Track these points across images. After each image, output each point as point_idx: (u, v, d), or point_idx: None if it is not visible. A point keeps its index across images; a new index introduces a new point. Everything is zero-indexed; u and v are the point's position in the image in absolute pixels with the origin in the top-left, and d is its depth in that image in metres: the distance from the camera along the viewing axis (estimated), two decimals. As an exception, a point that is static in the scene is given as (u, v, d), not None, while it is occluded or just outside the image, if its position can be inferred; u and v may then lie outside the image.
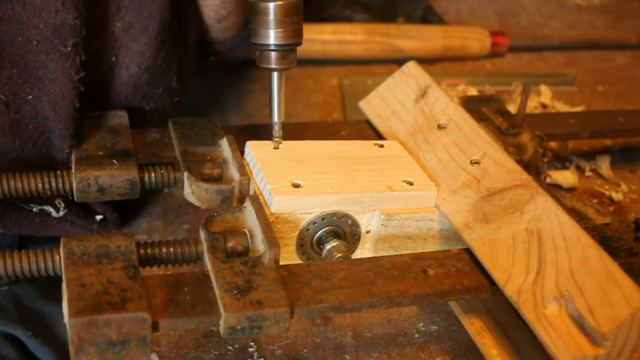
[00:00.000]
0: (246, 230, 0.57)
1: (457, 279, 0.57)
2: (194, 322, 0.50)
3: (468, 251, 0.60)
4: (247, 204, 0.59)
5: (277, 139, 0.66)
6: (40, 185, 0.62)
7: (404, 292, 0.55)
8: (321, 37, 1.12)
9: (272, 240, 0.54)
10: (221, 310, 0.50)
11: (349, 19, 1.19)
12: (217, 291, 0.51)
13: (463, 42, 1.15)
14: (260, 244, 0.55)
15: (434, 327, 0.66)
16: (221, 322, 0.50)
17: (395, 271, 0.57)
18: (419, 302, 0.56)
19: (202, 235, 0.56)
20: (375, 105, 0.77)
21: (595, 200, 0.83)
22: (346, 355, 0.63)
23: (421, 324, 0.66)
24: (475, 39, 1.16)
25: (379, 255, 0.63)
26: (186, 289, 0.52)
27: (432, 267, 0.58)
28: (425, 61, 1.06)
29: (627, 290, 0.50)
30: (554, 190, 0.79)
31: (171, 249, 0.56)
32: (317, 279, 0.55)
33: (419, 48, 1.14)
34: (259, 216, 0.56)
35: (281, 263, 0.56)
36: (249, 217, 0.58)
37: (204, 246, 0.55)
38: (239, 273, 0.53)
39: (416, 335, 0.65)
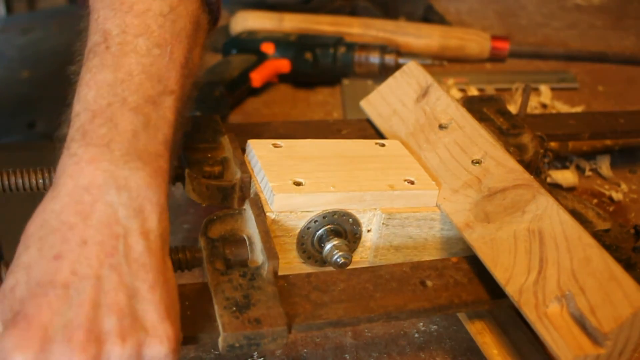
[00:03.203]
0: (245, 237, 0.57)
1: (455, 292, 0.57)
2: (195, 338, 0.51)
3: (467, 260, 0.60)
4: (247, 207, 0.58)
5: None
6: (41, 181, 0.61)
7: (402, 307, 0.55)
8: (318, 27, 1.12)
9: (271, 252, 0.54)
10: (220, 329, 0.50)
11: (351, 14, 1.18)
12: (216, 307, 0.51)
13: (461, 43, 1.14)
14: (259, 254, 0.55)
15: (434, 327, 0.66)
16: (220, 340, 0.50)
17: (394, 283, 0.57)
18: (417, 316, 0.56)
19: (201, 242, 0.56)
20: (377, 104, 0.77)
21: (595, 200, 0.83)
22: (346, 355, 0.62)
23: (421, 324, 0.66)
24: (474, 41, 1.15)
25: (379, 253, 0.63)
26: (187, 303, 0.52)
27: (431, 278, 0.58)
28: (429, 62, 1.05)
29: (629, 290, 0.50)
30: (555, 190, 0.79)
31: (172, 257, 0.56)
32: (317, 292, 0.55)
33: (415, 46, 1.13)
34: (259, 223, 0.56)
35: (281, 261, 0.56)
36: (249, 221, 0.58)
37: (204, 255, 0.55)
38: (237, 287, 0.53)
39: (416, 335, 0.65)
